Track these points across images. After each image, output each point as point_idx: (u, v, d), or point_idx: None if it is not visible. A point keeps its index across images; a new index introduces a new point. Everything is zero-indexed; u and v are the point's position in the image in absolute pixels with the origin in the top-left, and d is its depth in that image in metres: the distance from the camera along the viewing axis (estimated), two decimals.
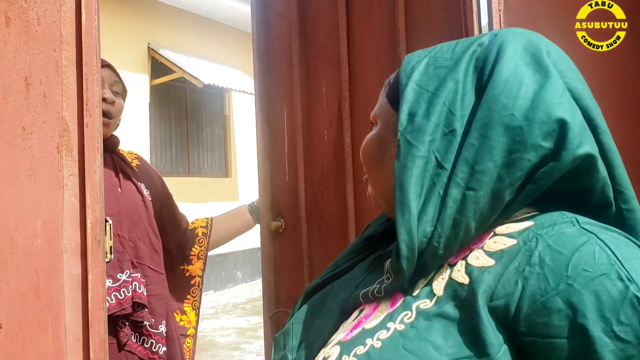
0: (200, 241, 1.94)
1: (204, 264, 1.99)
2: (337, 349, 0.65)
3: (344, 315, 0.72)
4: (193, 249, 1.96)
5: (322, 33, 1.81)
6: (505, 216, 0.65)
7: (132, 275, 1.68)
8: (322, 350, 0.68)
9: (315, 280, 0.83)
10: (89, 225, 1.24)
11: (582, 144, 0.61)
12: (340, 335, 0.68)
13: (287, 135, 1.91)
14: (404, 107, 0.67)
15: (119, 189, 1.77)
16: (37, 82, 1.24)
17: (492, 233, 0.64)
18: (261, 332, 5.84)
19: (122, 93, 1.84)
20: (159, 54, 7.71)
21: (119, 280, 1.65)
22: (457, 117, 0.64)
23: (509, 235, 0.62)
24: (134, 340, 1.68)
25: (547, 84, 0.62)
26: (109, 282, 1.62)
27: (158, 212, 1.91)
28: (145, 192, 1.87)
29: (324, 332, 0.71)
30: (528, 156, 0.61)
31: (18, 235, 1.21)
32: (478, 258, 0.62)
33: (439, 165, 0.64)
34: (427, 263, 0.64)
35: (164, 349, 1.74)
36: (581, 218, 0.62)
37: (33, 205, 1.22)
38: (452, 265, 0.64)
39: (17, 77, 1.22)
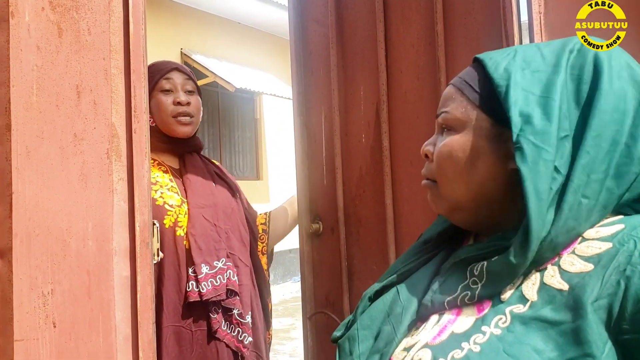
0: (261, 238, 1.99)
1: (269, 258, 2.04)
2: (428, 352, 0.66)
3: (417, 319, 0.73)
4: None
5: (359, 37, 1.82)
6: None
7: (226, 263, 1.75)
8: (401, 353, 0.69)
9: (376, 284, 0.83)
10: (137, 228, 1.28)
11: None
12: (423, 338, 0.68)
13: (325, 138, 1.93)
14: (514, 109, 0.66)
15: (214, 184, 1.86)
16: (87, 89, 1.29)
17: (580, 238, 0.65)
18: (294, 334, 5.88)
19: (197, 90, 1.90)
20: (192, 59, 7.82)
21: (215, 267, 1.72)
22: (568, 122, 0.66)
23: (602, 239, 0.63)
24: (224, 328, 1.73)
25: None
26: (206, 268, 1.69)
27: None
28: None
29: (395, 337, 0.72)
30: (635, 169, 0.64)
31: (70, 238, 1.25)
32: (574, 264, 0.63)
33: (556, 169, 0.64)
34: (528, 267, 0.65)
35: (250, 339, 1.79)
36: None
37: (84, 208, 1.27)
38: (540, 271, 0.65)
39: (68, 85, 1.27)
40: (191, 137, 1.89)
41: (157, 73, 1.82)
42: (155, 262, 1.35)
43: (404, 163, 1.70)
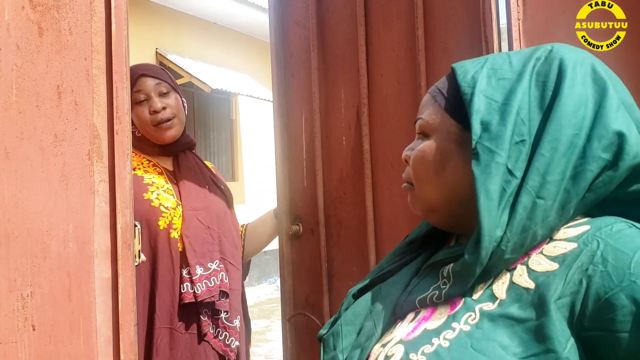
0: None
1: (244, 271, 2.02)
2: (401, 347, 0.68)
3: (396, 317, 0.75)
4: None
5: (340, 41, 1.84)
6: (564, 224, 0.68)
7: (219, 265, 1.76)
8: (379, 349, 0.71)
9: (360, 282, 0.85)
10: (119, 229, 1.28)
11: (639, 154, 0.66)
12: (399, 335, 0.71)
13: (306, 140, 1.94)
14: (476, 117, 0.69)
15: (207, 186, 1.86)
16: (68, 90, 1.28)
17: (548, 239, 0.68)
18: (269, 336, 5.87)
19: (172, 88, 1.85)
20: (167, 59, 7.76)
21: (209, 269, 1.72)
22: (526, 127, 0.68)
23: (568, 240, 0.66)
24: (212, 331, 1.74)
25: (605, 100, 0.67)
26: (200, 270, 1.70)
27: None
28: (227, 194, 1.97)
29: (375, 332, 0.74)
30: (590, 167, 0.65)
31: (50, 240, 1.24)
32: (540, 264, 0.66)
33: (510, 172, 0.67)
34: (491, 268, 0.67)
35: (237, 343, 1.79)
36: (634, 222, 0.66)
37: (65, 210, 1.26)
38: (510, 270, 0.68)
39: (49, 85, 1.26)
40: (180, 136, 1.87)
41: None
42: (136, 264, 1.34)
43: (385, 165, 1.72)
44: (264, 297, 8.08)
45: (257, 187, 9.10)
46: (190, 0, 7.87)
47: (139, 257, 1.40)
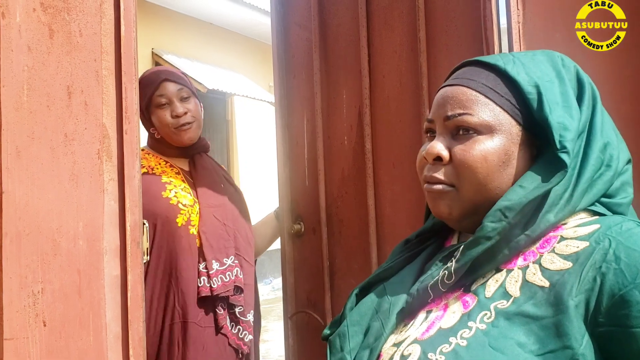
0: None
1: None
2: (417, 347, 0.69)
3: (404, 316, 0.77)
4: None
5: (342, 42, 1.87)
6: (571, 215, 0.73)
7: (235, 261, 1.81)
8: (391, 349, 0.73)
9: (362, 283, 0.86)
10: (128, 227, 1.30)
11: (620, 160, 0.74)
12: (413, 334, 0.72)
13: (307, 141, 1.97)
14: (552, 116, 0.72)
15: (222, 185, 1.91)
16: (78, 90, 1.30)
17: (559, 237, 0.71)
18: (266, 336, 5.88)
19: (192, 94, 1.91)
20: (163, 59, 7.75)
21: (225, 264, 1.77)
22: None
23: (580, 239, 0.69)
24: (227, 325, 1.78)
25: (595, 112, 0.75)
26: (217, 265, 1.75)
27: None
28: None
29: (383, 333, 0.75)
30: (591, 162, 0.72)
31: (61, 237, 1.26)
32: (554, 262, 0.69)
33: None
34: (501, 246, 0.71)
35: (250, 337, 1.85)
36: None
37: (75, 208, 1.28)
38: (523, 269, 0.70)
39: (59, 86, 1.28)
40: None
41: (149, 87, 1.85)
42: (144, 261, 1.36)
43: (386, 165, 1.74)
44: (261, 298, 8.08)
45: (253, 187, 9.10)
46: (187, 0, 7.88)
47: (146, 255, 1.43)
